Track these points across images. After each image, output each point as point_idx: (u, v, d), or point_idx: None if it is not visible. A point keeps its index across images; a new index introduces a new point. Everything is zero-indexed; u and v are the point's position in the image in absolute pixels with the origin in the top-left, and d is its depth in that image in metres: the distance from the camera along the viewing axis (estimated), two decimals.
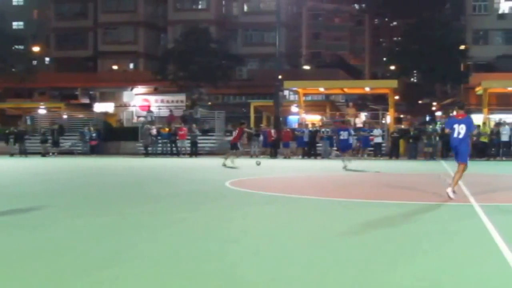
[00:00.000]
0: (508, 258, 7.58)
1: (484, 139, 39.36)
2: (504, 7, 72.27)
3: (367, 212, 12.75)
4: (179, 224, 11.05)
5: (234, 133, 33.08)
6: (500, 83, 47.67)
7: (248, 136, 41.89)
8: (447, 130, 15.81)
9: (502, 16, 71.40)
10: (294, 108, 52.32)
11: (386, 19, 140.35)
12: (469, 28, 71.73)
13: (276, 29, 53.42)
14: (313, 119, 49.38)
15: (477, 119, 46.96)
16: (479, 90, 47.23)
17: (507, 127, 39.48)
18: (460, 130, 14.62)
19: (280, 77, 50.68)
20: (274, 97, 50.17)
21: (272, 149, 41.77)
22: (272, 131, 42.11)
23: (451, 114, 41.07)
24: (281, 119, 49.85)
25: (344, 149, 29.76)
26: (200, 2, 78.22)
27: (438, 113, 72.65)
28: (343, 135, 28.72)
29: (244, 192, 16.87)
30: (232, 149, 31.85)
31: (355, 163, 32.25)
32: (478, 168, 29.28)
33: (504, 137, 38.59)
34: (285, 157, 40.68)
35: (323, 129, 42.07)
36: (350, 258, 7.90)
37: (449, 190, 14.36)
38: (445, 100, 74.70)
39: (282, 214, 12.59)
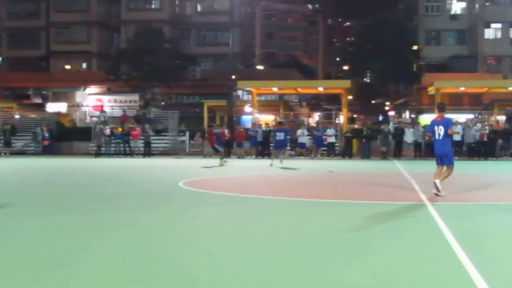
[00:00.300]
0: (460, 258, 7.65)
1: None
2: (456, 8, 73.13)
3: (320, 212, 12.85)
4: (132, 224, 10.98)
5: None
6: (452, 83, 48.21)
7: (202, 136, 41.96)
8: (428, 134, 16.26)
9: (454, 16, 72.22)
10: (247, 108, 52.36)
11: (340, 20, 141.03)
12: (421, 29, 72.48)
13: (230, 29, 53.35)
14: (267, 119, 49.47)
15: (429, 119, 47.54)
16: (431, 90, 47.69)
17: (459, 126, 39.84)
18: (439, 131, 15.09)
19: (233, 77, 50.70)
20: (227, 97, 50.16)
21: (226, 149, 41.71)
22: (226, 131, 42.05)
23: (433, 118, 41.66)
24: (234, 119, 49.86)
25: (279, 148, 32.07)
26: (153, 2, 77.89)
27: (391, 113, 73.28)
28: (279, 135, 30.64)
29: (197, 192, 16.82)
30: (216, 151, 32.91)
31: (309, 163, 32.62)
32: (431, 167, 29.53)
33: (456, 137, 38.90)
34: (238, 157, 40.69)
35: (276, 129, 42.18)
36: (303, 257, 7.92)
37: (437, 181, 14.86)
38: (398, 100, 75.37)
39: (235, 214, 12.57)
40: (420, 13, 73.15)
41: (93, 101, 60.40)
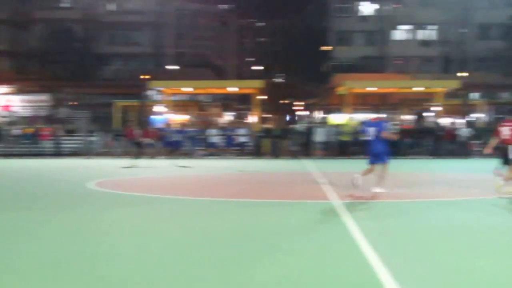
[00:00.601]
0: (366, 254, 7.88)
1: (345, 138, 40.43)
2: (365, 10, 74.35)
3: (231, 211, 12.97)
4: (41, 226, 10.93)
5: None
6: (361, 84, 49.07)
7: (115, 136, 41.70)
8: (363, 134, 16.74)
9: (364, 18, 73.40)
10: (159, 108, 52.21)
11: (252, 20, 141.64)
12: (332, 30, 73.36)
13: (142, 29, 53.15)
14: (179, 118, 49.40)
15: (339, 118, 48.33)
16: (341, 90, 48.44)
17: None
18: (373, 132, 15.65)
19: (146, 76, 50.47)
20: (139, 97, 49.95)
21: (137, 149, 41.52)
22: (138, 131, 41.83)
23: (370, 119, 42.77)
24: (146, 119, 49.67)
25: (175, 149, 32.84)
26: (64, 0, 76.79)
27: (302, 113, 73.97)
28: (176, 137, 31.32)
29: (109, 193, 16.82)
30: (138, 147, 33.18)
31: (220, 162, 32.81)
32: (340, 166, 30.04)
33: (366, 137, 39.61)
34: (150, 157, 40.54)
35: (189, 129, 42.24)
36: (213, 257, 8.03)
37: (377, 189, 15.42)
38: (308, 100, 76.09)
39: (146, 214, 12.57)
40: (331, 14, 74.09)
41: (2, 101, 59.26)
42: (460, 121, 47.54)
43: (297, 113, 76.34)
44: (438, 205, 14.01)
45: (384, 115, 17.18)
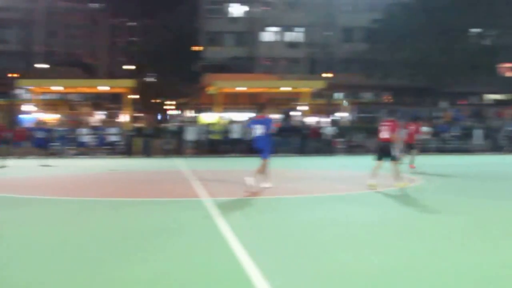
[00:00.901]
0: (235, 251, 8.29)
1: (216, 137, 41.20)
2: (235, 11, 75.42)
3: (101, 211, 13.06)
4: None
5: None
6: (231, 83, 49.81)
7: None
8: (247, 129, 17.41)
9: (234, 19, 74.46)
10: (29, 107, 51.54)
11: (124, 19, 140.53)
12: (203, 30, 74.04)
13: (11, 26, 52.37)
14: (49, 117, 48.92)
15: (209, 117, 49.07)
16: (211, 90, 49.10)
17: (238, 125, 41.59)
18: (259, 129, 16.31)
19: (14, 75, 49.75)
20: (7, 96, 49.21)
21: (5, 149, 40.98)
22: (6, 130, 41.28)
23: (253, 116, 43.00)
24: (15, 118, 48.99)
25: (44, 149, 32.08)
26: None
27: (173, 112, 74.39)
28: (40, 134, 31.10)
29: None
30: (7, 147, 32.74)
31: (91, 162, 32.88)
32: (210, 164, 30.65)
33: (235, 135, 40.57)
34: (18, 157, 40.13)
35: (59, 128, 41.96)
36: (84, 256, 8.20)
37: (248, 179, 16.04)
38: (180, 99, 76.51)
39: (15, 216, 12.44)
40: (202, 15, 74.75)
41: None
42: (325, 120, 49.09)
43: (169, 112, 76.74)
44: (308, 201, 14.45)
45: (268, 113, 17.80)
